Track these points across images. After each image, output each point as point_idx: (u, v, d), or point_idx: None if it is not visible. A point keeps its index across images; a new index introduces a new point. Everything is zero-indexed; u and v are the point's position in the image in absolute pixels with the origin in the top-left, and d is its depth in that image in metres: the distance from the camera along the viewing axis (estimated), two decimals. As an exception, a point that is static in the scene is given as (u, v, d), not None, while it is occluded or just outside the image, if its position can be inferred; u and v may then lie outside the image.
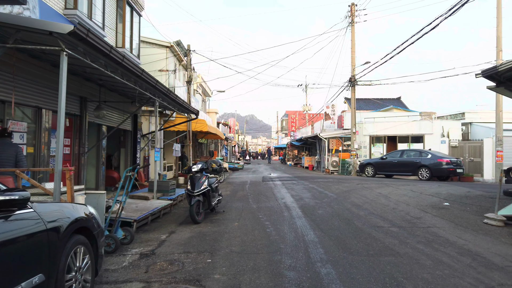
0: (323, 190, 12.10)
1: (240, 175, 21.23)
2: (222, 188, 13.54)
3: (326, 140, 23.50)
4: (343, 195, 10.86)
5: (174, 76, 17.20)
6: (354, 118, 21.71)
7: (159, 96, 9.08)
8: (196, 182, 7.13)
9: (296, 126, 55.95)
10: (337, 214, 7.82)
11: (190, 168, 7.38)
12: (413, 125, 21.40)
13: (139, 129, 13.17)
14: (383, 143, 22.41)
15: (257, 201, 9.83)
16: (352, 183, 14.14)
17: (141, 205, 7.84)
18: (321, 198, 10.25)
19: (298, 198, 10.18)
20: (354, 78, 21.22)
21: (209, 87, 32.53)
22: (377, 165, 19.03)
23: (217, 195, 8.20)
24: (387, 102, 35.59)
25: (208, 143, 32.59)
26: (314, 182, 14.65)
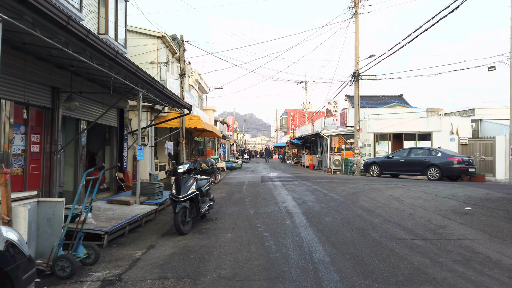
0: (327, 192, 11.00)
1: (237, 174, 20.12)
2: (217, 190, 12.44)
3: (328, 138, 22.40)
4: (351, 198, 9.77)
5: (167, 69, 16.07)
6: (357, 115, 20.61)
7: (143, 86, 7.96)
8: (182, 185, 6.02)
9: (296, 124, 54.85)
10: (347, 222, 6.72)
11: (175, 168, 6.28)
12: (420, 122, 20.31)
13: (126, 126, 12.05)
14: (388, 141, 21.32)
15: (255, 205, 8.72)
16: (358, 184, 13.05)
17: (119, 211, 6.73)
18: (326, 201, 9.15)
19: (300, 202, 9.07)
20: (357, 72, 20.11)
21: (206, 83, 31.39)
22: (383, 164, 17.94)
23: (208, 199, 7.09)
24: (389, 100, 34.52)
25: (205, 141, 31.47)
26: (317, 183, 13.55)
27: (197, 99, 25.37)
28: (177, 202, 5.90)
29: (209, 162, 7.36)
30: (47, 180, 7.57)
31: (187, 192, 5.96)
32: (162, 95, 9.07)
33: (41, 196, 7.61)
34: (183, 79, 14.96)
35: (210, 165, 7.39)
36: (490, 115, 21.13)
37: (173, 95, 9.60)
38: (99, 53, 5.34)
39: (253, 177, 17.74)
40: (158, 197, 8.54)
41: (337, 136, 22.48)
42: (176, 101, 10.31)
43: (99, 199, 10.12)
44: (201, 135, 23.44)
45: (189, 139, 23.43)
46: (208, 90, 33.13)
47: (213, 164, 7.43)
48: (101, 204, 7.39)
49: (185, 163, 6.38)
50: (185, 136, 15.22)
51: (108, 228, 5.37)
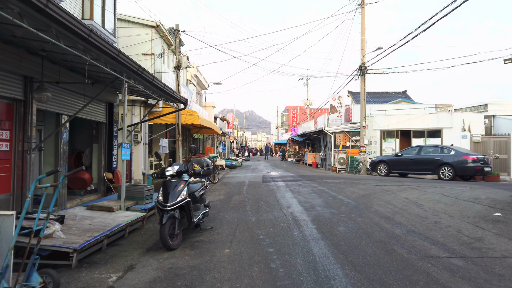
0: (336, 194, 10.03)
1: (237, 173, 19.16)
2: (215, 191, 11.47)
3: (332, 135, 21.40)
4: (363, 201, 8.79)
5: (162, 61, 15.07)
6: (364, 111, 19.60)
7: (129, 76, 6.97)
8: (171, 191, 5.05)
9: (297, 121, 53.82)
10: (365, 233, 5.75)
11: (163, 170, 5.31)
12: (429, 118, 19.30)
13: (116, 121, 11.07)
14: (395, 138, 20.33)
15: (257, 211, 7.75)
16: (368, 184, 12.07)
17: (98, 220, 5.76)
18: (336, 206, 8.17)
19: (308, 207, 8.10)
20: (364, 66, 19.09)
21: (205, 78, 30.38)
22: (391, 163, 16.97)
23: (203, 206, 6.12)
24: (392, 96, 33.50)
25: (204, 138, 30.49)
26: (323, 184, 12.57)
27: (195, 95, 24.38)
28: (164, 211, 4.93)
29: (204, 162, 6.39)
30: (19, 182, 6.61)
31: (176, 199, 4.98)
32: (153, 86, 8.08)
33: (13, 202, 6.66)
34: (179, 71, 13.96)
35: (205, 166, 6.41)
36: (503, 110, 20.10)
37: (165, 87, 8.61)
38: (67, 30, 4.35)
39: (254, 176, 16.77)
40: (147, 201, 7.57)
41: (341, 133, 21.48)
42: (169, 94, 9.32)
43: (84, 202, 9.17)
44: (199, 132, 22.46)
45: (187, 136, 22.45)
46: (207, 86, 32.12)
47: (208, 165, 6.46)
48: (79, 211, 6.42)
49: (175, 164, 5.40)
50: (181, 133, 14.26)
51: (79, 245, 4.39)
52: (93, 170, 10.60)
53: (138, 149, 13.41)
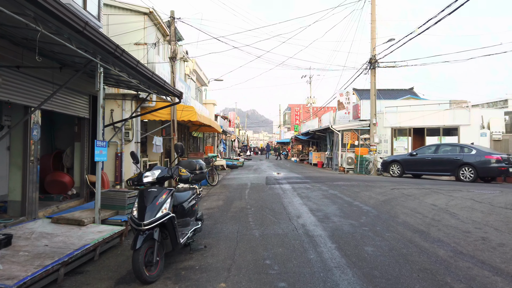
0: (351, 199, 8.76)
1: (239, 174, 17.91)
2: (213, 195, 10.22)
3: (340, 133, 20.11)
4: (385, 209, 7.53)
5: (156, 52, 13.83)
6: (374, 107, 18.31)
7: (106, 58, 5.72)
8: (149, 203, 3.80)
9: (301, 120, 52.52)
10: (401, 255, 4.48)
11: (141, 176, 4.06)
12: (445, 115, 17.99)
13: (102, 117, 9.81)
14: (407, 136, 19.02)
15: (261, 222, 6.49)
16: (384, 187, 10.80)
17: (59, 239, 4.52)
18: (355, 215, 6.91)
19: (321, 216, 6.83)
20: (374, 58, 17.78)
21: (205, 74, 29.14)
22: (405, 163, 15.68)
23: (194, 220, 4.86)
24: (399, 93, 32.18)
25: (204, 137, 29.25)
26: (334, 187, 11.30)
27: (194, 91, 23.15)
28: (139, 232, 3.68)
29: (196, 164, 5.13)
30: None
31: (156, 214, 3.73)
32: (138, 74, 6.82)
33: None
34: (174, 63, 12.70)
35: (197, 169, 5.16)
36: (525, 106, 18.78)
37: (153, 75, 7.35)
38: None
39: (256, 177, 15.51)
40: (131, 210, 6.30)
41: (349, 131, 20.18)
42: (159, 84, 8.06)
43: (62, 209, 7.94)
44: (198, 130, 21.22)
45: (185, 134, 21.20)
46: (207, 82, 30.88)
47: (202, 168, 5.21)
48: (41, 225, 5.17)
49: (156, 168, 4.15)
50: (177, 130, 13.01)
51: (16, 282, 3.15)
52: (75, 172, 9.38)
53: (129, 148, 12.17)
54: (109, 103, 12.09)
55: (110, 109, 11.98)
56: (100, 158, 5.62)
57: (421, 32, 13.17)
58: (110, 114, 11.96)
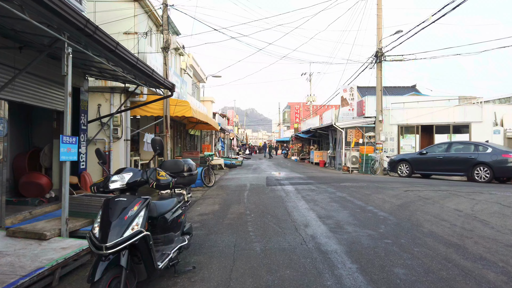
0: (363, 204, 7.80)
1: (237, 174, 16.94)
2: (209, 198, 9.25)
3: (343, 131, 19.14)
4: (404, 215, 6.57)
5: (149, 42, 12.85)
6: (380, 103, 17.35)
7: (75, 36, 4.75)
8: (114, 218, 2.84)
9: (301, 118, 51.58)
10: (443, 281, 3.52)
11: (107, 180, 3.09)
12: (455, 111, 17.04)
13: (85, 111, 8.85)
14: (415, 134, 18.06)
15: (263, 232, 5.53)
16: (397, 189, 9.85)
17: (7, 260, 3.54)
18: (372, 223, 5.95)
19: (333, 225, 5.87)
20: (381, 51, 16.82)
21: (202, 70, 28.14)
22: (414, 162, 14.74)
23: (179, 234, 3.88)
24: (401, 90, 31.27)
25: (202, 135, 28.27)
26: (341, 188, 10.35)
27: (191, 87, 22.17)
28: (100, 257, 2.71)
29: (183, 165, 4.16)
30: None
31: (123, 233, 2.76)
32: (119, 59, 5.84)
33: None
34: (167, 53, 11.71)
35: (185, 171, 4.19)
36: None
37: (138, 61, 6.37)
38: None
39: (256, 178, 14.54)
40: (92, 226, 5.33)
41: (353, 129, 19.22)
42: (147, 73, 7.09)
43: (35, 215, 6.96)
44: (195, 127, 20.24)
45: (182, 132, 20.22)
46: (205, 79, 29.88)
47: (191, 169, 4.25)
48: (-9, 240, 4.19)
49: (127, 171, 3.19)
50: (170, 127, 12.02)
51: None
52: (54, 173, 8.41)
53: (118, 146, 11.20)
54: (96, 97, 11.12)
55: (97, 103, 11.01)
56: (67, 157, 4.64)
57: (435, 20, 12.21)
58: (97, 109, 11.00)
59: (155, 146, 3.32)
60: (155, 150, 3.33)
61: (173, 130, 18.40)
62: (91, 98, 11.09)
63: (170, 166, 4.24)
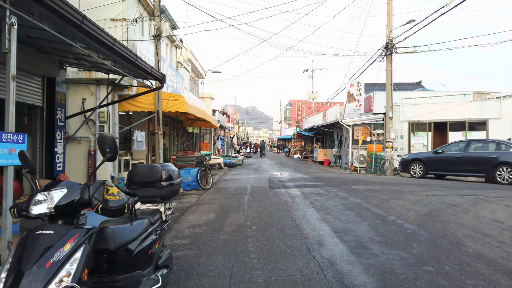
0: (382, 212, 6.69)
1: (237, 174, 15.86)
2: (203, 204, 8.14)
3: (350, 128, 18.02)
4: (436, 228, 5.46)
5: (139, 31, 11.74)
6: (390, 98, 16.23)
7: (21, 1, 3.64)
8: (29, 265, 1.74)
9: (303, 115, 50.43)
10: None
11: (29, 201, 2.02)
12: (471, 107, 15.90)
13: (62, 105, 7.76)
14: (427, 131, 16.93)
15: (267, 253, 4.43)
16: (416, 193, 8.75)
17: None
18: (400, 240, 4.84)
19: (354, 243, 4.77)
20: (391, 43, 15.67)
21: (201, 65, 27.02)
22: (429, 162, 13.63)
23: (149, 274, 2.75)
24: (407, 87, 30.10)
25: (202, 133, 27.17)
26: (354, 192, 9.24)
27: (188, 82, 21.06)
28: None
29: (161, 172, 3.07)
30: None
31: (40, 293, 1.66)
32: (90, 38, 4.73)
33: None
34: (158, 42, 10.59)
35: (165, 179, 3.11)
36: None
37: (115, 43, 5.26)
38: None
39: (257, 179, 13.44)
40: None
41: (361, 126, 18.10)
42: (129, 59, 5.98)
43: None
44: (193, 124, 19.11)
45: (179, 129, 19.12)
46: (204, 74, 28.75)
47: (172, 177, 3.15)
48: None
49: (61, 186, 2.11)
50: (162, 123, 10.91)
51: None
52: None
53: (104, 145, 10.11)
54: (80, 90, 10.02)
55: (81, 97, 9.91)
56: (8, 160, 3.54)
57: (456, 5, 11.06)
58: (82, 104, 9.91)
59: (103, 147, 2.22)
60: (104, 153, 2.23)
61: (169, 128, 17.31)
62: (74, 92, 10.01)
63: (142, 174, 3.14)
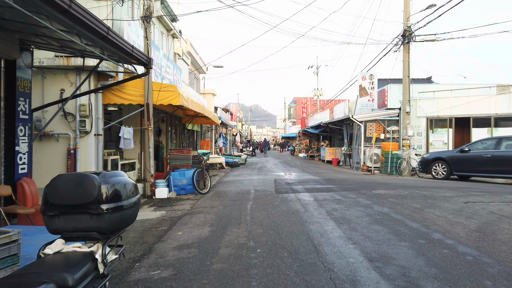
0: (423, 227, 5.30)
1: (239, 175, 14.49)
2: (198, 213, 6.74)
3: (362, 125, 16.59)
4: (504, 253, 4.07)
5: (128, 14, 10.39)
6: (407, 92, 14.79)
7: None
8: None
9: (308, 113, 48.96)
10: None
11: None
12: (497, 101, 14.42)
13: (26, 94, 6.41)
14: (447, 128, 15.46)
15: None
16: (451, 200, 7.34)
17: None
18: (465, 276, 3.45)
19: (402, 283, 3.38)
20: (409, 30, 14.21)
21: (202, 59, 25.66)
22: (453, 162, 12.20)
23: None
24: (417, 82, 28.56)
25: (203, 131, 25.82)
26: (377, 198, 7.85)
27: (187, 75, 19.71)
28: None
29: (96, 189, 1.74)
30: None
31: None
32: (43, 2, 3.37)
33: None
34: (148, 24, 9.24)
35: (107, 200, 1.78)
36: None
37: (71, 6, 3.89)
38: None
39: (262, 180, 12.05)
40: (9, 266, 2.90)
41: (374, 122, 16.66)
42: (100, 32, 4.60)
43: None
44: (192, 121, 17.74)
45: (178, 126, 17.77)
46: (205, 69, 27.39)
47: (118, 196, 1.84)
48: None
49: None
50: (152, 118, 9.56)
51: None
52: (-23, 181, 6.01)
53: (86, 143, 8.80)
54: (58, 80, 8.71)
55: (59, 88, 8.61)
56: None
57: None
58: (60, 96, 8.60)
59: None
60: None
61: (166, 124, 15.98)
62: (51, 81, 8.70)
63: (67, 191, 1.79)
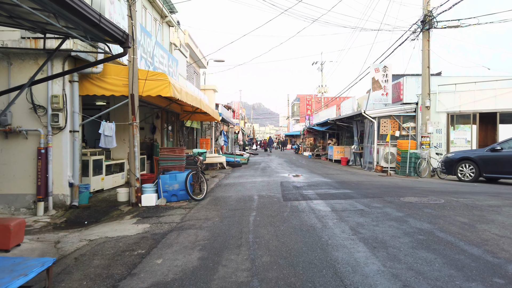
0: (487, 254, 3.90)
1: (241, 177, 13.11)
2: (189, 229, 5.25)
3: (376, 121, 15.18)
4: None
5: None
6: (427, 84, 13.36)
7: None
8: None
9: (312, 110, 47.53)
10: None
11: None
12: (529, 93, 12.96)
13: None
14: (470, 124, 14.03)
15: None
16: (502, 211, 5.94)
17: None
18: None
19: None
20: (430, 15, 12.76)
21: (201, 52, 24.26)
22: (483, 162, 10.79)
23: None
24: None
25: (204, 129, 24.46)
26: (408, 208, 6.45)
27: (185, 68, 18.33)
28: None
29: None
30: None
31: None
32: None
33: None
34: (133, 1, 7.87)
35: None
36: None
37: None
38: None
39: (266, 183, 10.66)
40: None
41: (388, 118, 15.25)
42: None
43: None
44: (191, 118, 16.37)
45: (175, 123, 16.41)
46: (206, 64, 26.01)
47: None
48: None
49: None
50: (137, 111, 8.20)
51: None
52: None
53: (60, 141, 7.45)
54: (27, 66, 7.37)
55: (28, 76, 7.24)
56: None
57: None
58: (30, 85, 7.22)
59: None
60: None
61: (161, 121, 14.63)
62: (18, 68, 7.38)
63: None
